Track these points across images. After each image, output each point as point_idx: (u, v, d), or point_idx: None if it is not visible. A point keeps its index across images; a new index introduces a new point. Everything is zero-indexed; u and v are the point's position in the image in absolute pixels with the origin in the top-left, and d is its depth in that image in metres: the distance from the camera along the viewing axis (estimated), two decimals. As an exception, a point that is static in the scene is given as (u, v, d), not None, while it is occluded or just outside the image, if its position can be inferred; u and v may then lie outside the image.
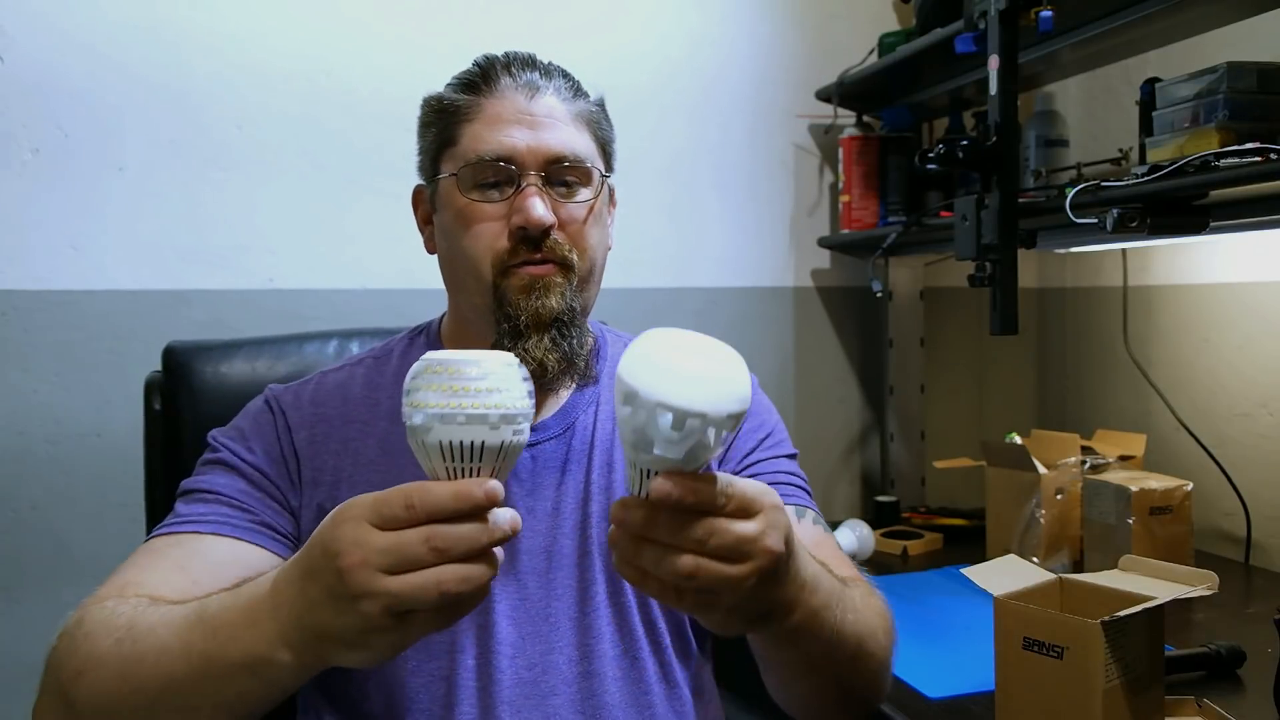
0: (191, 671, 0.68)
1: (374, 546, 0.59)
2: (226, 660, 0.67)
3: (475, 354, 0.63)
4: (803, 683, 0.85)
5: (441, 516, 0.60)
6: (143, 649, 0.71)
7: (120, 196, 1.59)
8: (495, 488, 0.61)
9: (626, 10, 1.84)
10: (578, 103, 0.94)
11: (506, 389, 0.63)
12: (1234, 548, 1.63)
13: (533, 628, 0.90)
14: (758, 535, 0.63)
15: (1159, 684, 0.93)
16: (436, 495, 0.60)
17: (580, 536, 0.93)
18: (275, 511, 0.90)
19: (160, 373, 1.20)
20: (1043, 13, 1.28)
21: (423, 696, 0.88)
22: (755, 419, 1.03)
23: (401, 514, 0.59)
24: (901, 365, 2.00)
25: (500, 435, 0.62)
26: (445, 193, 0.93)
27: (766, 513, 0.64)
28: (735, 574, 0.62)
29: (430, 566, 0.59)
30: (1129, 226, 1.21)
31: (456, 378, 0.61)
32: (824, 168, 2.00)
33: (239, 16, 1.63)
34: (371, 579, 0.59)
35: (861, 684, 0.85)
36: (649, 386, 0.59)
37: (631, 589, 0.93)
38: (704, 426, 0.59)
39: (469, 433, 0.61)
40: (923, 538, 1.74)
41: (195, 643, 0.69)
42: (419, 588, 0.59)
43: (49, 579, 1.56)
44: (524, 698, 0.88)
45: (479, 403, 0.61)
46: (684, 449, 0.59)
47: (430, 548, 0.59)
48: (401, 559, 0.59)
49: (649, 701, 0.92)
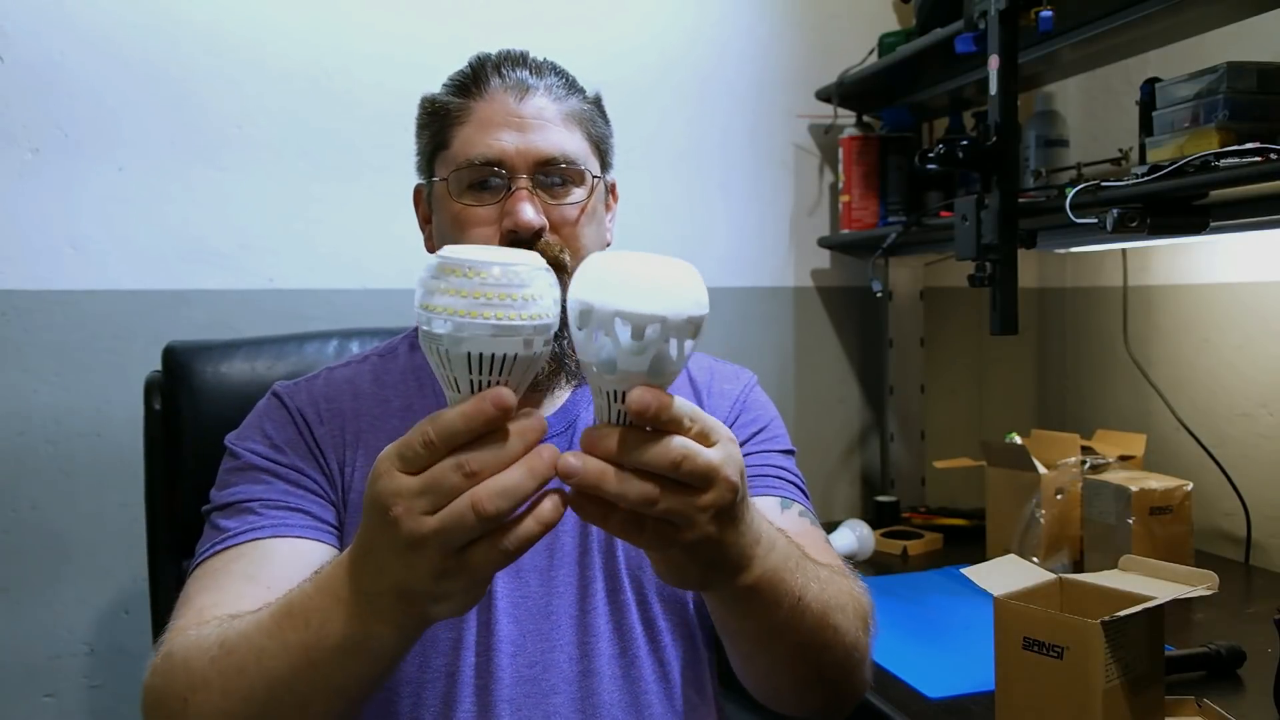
0: (295, 666, 0.67)
1: (411, 491, 0.57)
2: (325, 646, 0.66)
3: (507, 254, 0.59)
4: (765, 656, 0.81)
5: (461, 440, 0.57)
6: (241, 659, 0.69)
7: (120, 196, 1.59)
8: (506, 396, 0.57)
9: (625, 8, 1.84)
10: (569, 101, 0.94)
11: (540, 297, 0.59)
12: (1234, 548, 1.63)
13: (533, 625, 0.90)
14: (720, 463, 0.61)
15: (1159, 684, 0.93)
16: (449, 422, 0.57)
17: (581, 534, 0.93)
18: (320, 505, 0.90)
19: (160, 373, 1.20)
20: (1043, 13, 1.27)
21: (424, 693, 0.88)
22: (750, 413, 1.03)
23: (423, 452, 0.57)
24: (901, 365, 2.00)
25: (533, 349, 0.59)
26: (440, 196, 0.94)
27: (724, 444, 0.62)
28: (697, 503, 0.60)
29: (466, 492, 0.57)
30: (1129, 226, 1.21)
31: (487, 283, 0.57)
32: (824, 168, 2.00)
33: (239, 16, 1.63)
34: (419, 524, 0.57)
35: (831, 663, 0.81)
36: (603, 299, 0.57)
37: (631, 586, 0.93)
38: (664, 333, 0.57)
39: (500, 345, 0.57)
40: (923, 538, 1.74)
41: (291, 638, 0.67)
42: (457, 516, 0.56)
43: (49, 579, 1.56)
44: (524, 696, 0.88)
45: (515, 313, 0.57)
46: (648, 360, 0.58)
47: (462, 475, 0.56)
48: (438, 495, 0.57)
49: (646, 701, 0.92)
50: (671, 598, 0.96)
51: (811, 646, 0.79)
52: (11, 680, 1.52)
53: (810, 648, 0.79)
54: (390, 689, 0.88)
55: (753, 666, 0.85)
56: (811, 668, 0.81)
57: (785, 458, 1.03)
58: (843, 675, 0.84)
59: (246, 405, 0.99)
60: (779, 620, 0.74)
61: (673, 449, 0.59)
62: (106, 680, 1.57)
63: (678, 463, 0.59)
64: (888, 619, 1.37)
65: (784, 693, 0.86)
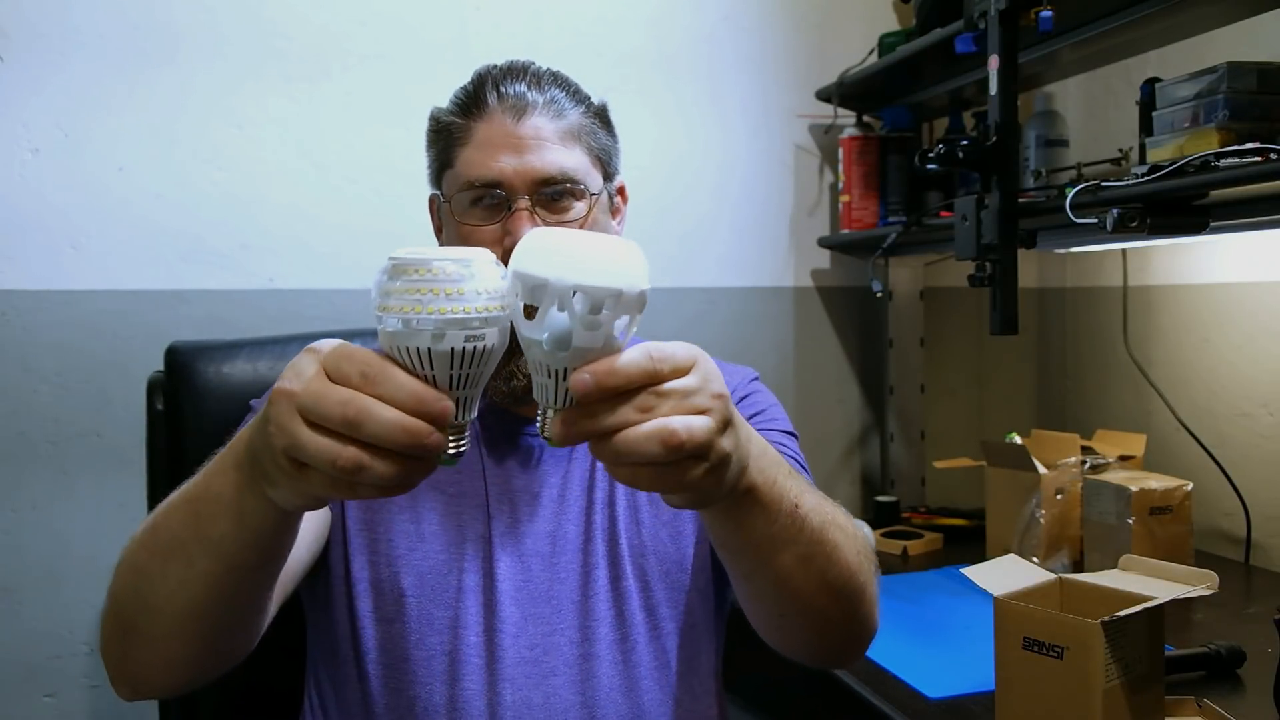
0: (186, 517, 0.69)
1: (307, 386, 0.57)
2: (205, 497, 0.67)
3: (458, 251, 0.59)
4: (769, 573, 0.77)
5: (382, 401, 0.56)
6: (154, 515, 0.73)
7: (120, 196, 1.59)
8: (448, 409, 0.57)
9: (625, 8, 1.84)
10: (569, 117, 0.96)
11: (490, 290, 0.58)
12: (1234, 548, 1.63)
13: (535, 609, 0.93)
14: (703, 384, 0.60)
15: (1159, 684, 0.93)
16: (395, 382, 0.56)
17: (584, 522, 0.97)
18: None
19: (162, 373, 1.20)
20: (1043, 13, 1.27)
21: (424, 672, 0.91)
22: (750, 399, 1.04)
23: (353, 377, 0.56)
24: (901, 365, 2.00)
25: (485, 341, 0.58)
26: (446, 213, 0.99)
27: (700, 362, 0.61)
28: (710, 426, 0.59)
29: (336, 434, 0.56)
30: (1129, 226, 1.21)
31: (437, 278, 0.57)
32: (824, 168, 2.00)
33: (239, 16, 1.63)
34: (286, 414, 0.57)
35: (835, 583, 0.78)
36: (560, 274, 0.56)
37: (634, 574, 0.96)
38: (617, 308, 0.57)
39: (448, 341, 0.57)
40: (923, 538, 1.74)
41: (188, 490, 0.70)
42: (316, 450, 0.56)
43: (49, 579, 1.56)
44: (525, 676, 0.91)
45: (463, 306, 0.57)
46: (602, 335, 0.58)
47: (343, 415, 0.55)
48: (318, 413, 0.56)
49: (644, 687, 0.94)
50: (676, 586, 0.97)
51: (813, 560, 0.76)
52: (11, 680, 1.52)
53: (812, 561, 0.76)
54: (391, 665, 0.91)
55: (759, 593, 0.81)
56: (816, 586, 0.78)
57: (787, 438, 1.03)
58: (848, 602, 0.81)
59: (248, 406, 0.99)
60: (779, 529, 0.72)
61: (658, 429, 0.57)
62: (106, 680, 1.56)
63: (666, 440, 0.58)
64: (888, 619, 1.36)
65: (793, 624, 0.83)
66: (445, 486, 0.96)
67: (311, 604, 0.98)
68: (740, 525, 0.72)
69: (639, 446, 0.57)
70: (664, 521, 0.99)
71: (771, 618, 0.84)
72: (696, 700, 0.98)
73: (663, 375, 0.59)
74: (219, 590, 0.70)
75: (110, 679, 0.78)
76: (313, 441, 0.56)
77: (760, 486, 0.69)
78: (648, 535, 0.98)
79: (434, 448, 0.57)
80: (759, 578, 0.78)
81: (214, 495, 0.66)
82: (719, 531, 0.75)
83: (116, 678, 0.77)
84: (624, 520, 0.97)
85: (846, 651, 0.88)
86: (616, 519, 0.97)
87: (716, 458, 0.61)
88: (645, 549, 0.97)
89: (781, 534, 0.73)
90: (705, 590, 1.00)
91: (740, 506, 0.69)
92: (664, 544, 0.98)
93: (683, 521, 0.99)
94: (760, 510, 0.70)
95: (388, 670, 0.92)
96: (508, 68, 0.98)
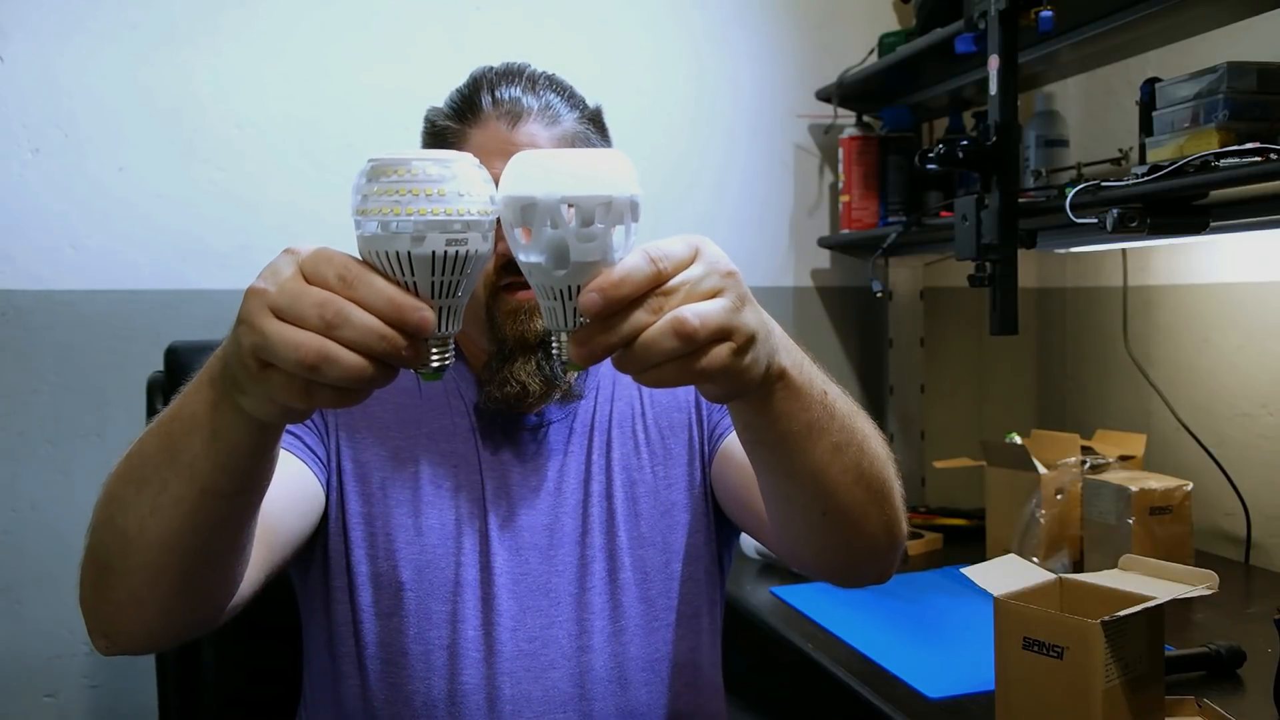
0: (160, 440, 0.67)
1: (282, 285, 0.55)
2: (180, 417, 0.65)
3: (439, 152, 0.57)
4: (805, 463, 0.75)
5: (361, 306, 0.55)
6: (131, 446, 0.71)
7: (120, 196, 1.59)
8: (428, 319, 0.55)
9: (626, 9, 1.84)
10: (564, 123, 0.96)
11: (473, 193, 0.56)
12: (1234, 548, 1.63)
13: (532, 601, 0.94)
14: (710, 269, 0.59)
15: (1159, 684, 0.93)
16: (373, 288, 0.55)
17: (581, 514, 0.97)
18: (315, 442, 0.94)
19: (162, 373, 1.21)
20: (1043, 13, 1.27)
21: (422, 666, 0.91)
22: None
23: (331, 279, 0.55)
24: (901, 365, 2.00)
25: (467, 245, 0.56)
26: None
27: (702, 249, 0.60)
28: (725, 306, 0.59)
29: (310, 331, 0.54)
30: (1129, 226, 1.21)
31: (418, 179, 0.55)
32: (824, 168, 2.00)
33: (239, 15, 1.64)
34: (258, 311, 0.55)
35: (869, 469, 0.77)
36: (547, 190, 0.56)
37: (632, 566, 0.96)
38: (609, 217, 0.57)
39: (429, 244, 0.55)
40: (923, 538, 1.74)
41: (161, 414, 0.68)
42: (282, 341, 0.54)
43: (49, 579, 1.56)
44: (524, 670, 0.92)
45: (444, 208, 0.55)
46: (599, 247, 0.57)
47: (320, 315, 0.54)
48: (293, 313, 0.54)
49: (639, 680, 0.95)
50: (675, 577, 0.98)
51: (848, 449, 0.75)
52: (11, 680, 1.52)
53: (847, 450, 0.75)
54: (390, 660, 0.92)
55: (797, 493, 0.78)
56: (853, 478, 0.76)
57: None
58: (881, 494, 0.79)
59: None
60: (814, 417, 0.72)
61: (669, 320, 0.57)
62: (106, 680, 1.57)
63: (679, 329, 0.57)
64: (888, 619, 1.37)
65: (832, 523, 0.79)
66: (442, 480, 0.96)
67: (309, 597, 0.98)
68: (777, 415, 0.70)
69: (656, 345, 0.57)
70: (663, 511, 0.99)
71: (811, 517, 0.80)
72: (695, 692, 0.98)
73: (666, 273, 0.58)
74: (192, 519, 0.67)
75: (88, 630, 0.74)
76: (276, 334, 0.54)
77: (790, 370, 0.68)
78: (646, 527, 0.98)
79: (409, 360, 0.56)
80: (798, 473, 0.76)
81: (188, 414, 0.64)
82: (755, 424, 0.73)
83: (93, 627, 0.74)
84: (622, 512, 0.97)
85: (880, 556, 0.84)
86: (615, 511, 0.97)
87: (741, 336, 0.60)
88: (644, 540, 0.97)
89: (816, 422, 0.72)
90: (704, 579, 1.00)
91: (775, 394, 0.68)
92: (663, 535, 0.98)
93: (680, 510, 0.99)
94: (793, 396, 0.69)
95: (387, 664, 0.92)
96: (503, 71, 0.97)
